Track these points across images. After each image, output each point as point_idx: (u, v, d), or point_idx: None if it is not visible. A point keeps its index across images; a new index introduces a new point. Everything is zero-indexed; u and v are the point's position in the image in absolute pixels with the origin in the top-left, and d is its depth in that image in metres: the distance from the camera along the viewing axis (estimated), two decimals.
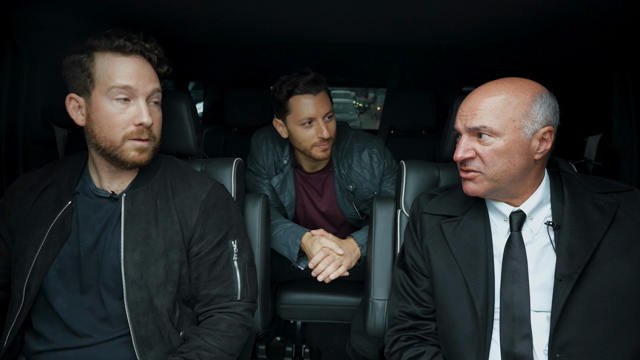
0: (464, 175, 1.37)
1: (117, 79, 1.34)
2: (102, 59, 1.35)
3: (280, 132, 2.16)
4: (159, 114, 1.45)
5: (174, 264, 1.42)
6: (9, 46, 1.64)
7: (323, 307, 2.36)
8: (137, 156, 1.38)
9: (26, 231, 1.42)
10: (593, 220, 1.30)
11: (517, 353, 1.26)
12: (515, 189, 1.36)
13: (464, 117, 1.34)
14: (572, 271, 1.25)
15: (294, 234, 2.03)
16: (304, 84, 1.99)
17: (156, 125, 1.43)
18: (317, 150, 2.07)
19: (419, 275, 1.50)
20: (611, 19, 1.54)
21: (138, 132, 1.37)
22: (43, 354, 1.38)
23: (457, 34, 1.97)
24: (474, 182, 1.35)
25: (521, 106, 1.29)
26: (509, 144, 1.29)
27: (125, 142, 1.36)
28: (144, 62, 1.39)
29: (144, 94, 1.37)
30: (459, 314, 1.35)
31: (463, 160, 1.35)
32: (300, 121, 2.03)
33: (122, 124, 1.35)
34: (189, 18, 1.73)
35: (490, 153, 1.30)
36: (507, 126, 1.28)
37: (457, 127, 1.37)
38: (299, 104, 2.01)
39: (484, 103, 1.31)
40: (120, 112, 1.35)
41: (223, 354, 1.41)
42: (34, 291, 1.36)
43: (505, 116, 1.28)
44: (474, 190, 1.36)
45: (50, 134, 1.80)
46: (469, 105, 1.34)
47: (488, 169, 1.31)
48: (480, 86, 1.37)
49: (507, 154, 1.29)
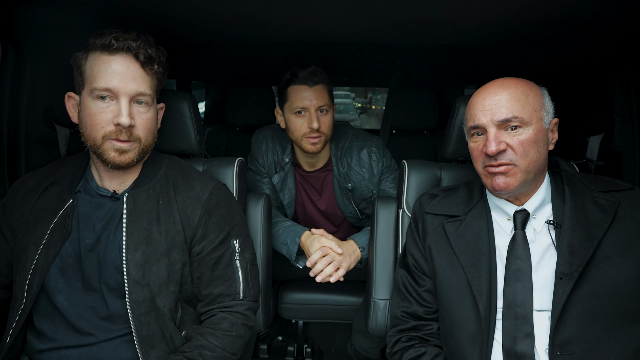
0: (496, 170, 1.31)
1: (100, 81, 1.31)
2: (92, 58, 1.34)
3: (279, 121, 2.21)
4: (147, 115, 1.39)
5: (176, 263, 1.42)
6: (11, 45, 1.64)
7: (325, 307, 2.36)
8: (117, 157, 1.35)
9: (28, 230, 1.42)
10: (594, 218, 1.30)
11: (519, 351, 1.26)
12: (530, 184, 1.36)
13: (488, 112, 1.32)
14: (573, 269, 1.25)
15: (293, 233, 2.04)
16: (303, 74, 2.04)
17: (142, 127, 1.38)
18: (307, 142, 2.09)
19: (421, 275, 1.50)
20: (613, 19, 1.54)
21: (117, 132, 1.33)
22: (45, 352, 1.38)
23: (459, 34, 1.96)
24: (508, 176, 1.31)
25: (538, 97, 1.33)
26: (537, 133, 1.30)
27: (105, 142, 1.34)
28: (131, 61, 1.35)
29: (127, 94, 1.33)
30: (462, 314, 1.35)
31: (495, 155, 1.30)
32: (293, 109, 2.07)
33: (101, 123, 1.32)
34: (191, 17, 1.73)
35: (524, 143, 1.29)
36: (532, 116, 1.30)
37: (479, 122, 1.34)
38: (295, 93, 2.06)
39: (507, 95, 1.31)
40: (101, 112, 1.32)
41: (225, 353, 1.41)
42: (35, 289, 1.37)
43: (529, 106, 1.30)
44: (507, 184, 1.31)
45: (52, 133, 1.81)
46: (490, 99, 1.32)
47: (521, 160, 1.30)
48: (490, 83, 1.37)
49: (536, 143, 1.30)
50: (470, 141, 1.41)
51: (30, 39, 1.67)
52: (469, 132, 1.40)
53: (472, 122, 1.36)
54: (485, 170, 1.36)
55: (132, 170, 1.47)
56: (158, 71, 1.42)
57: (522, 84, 1.34)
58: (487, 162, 1.33)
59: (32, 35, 1.66)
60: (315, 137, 2.07)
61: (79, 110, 1.39)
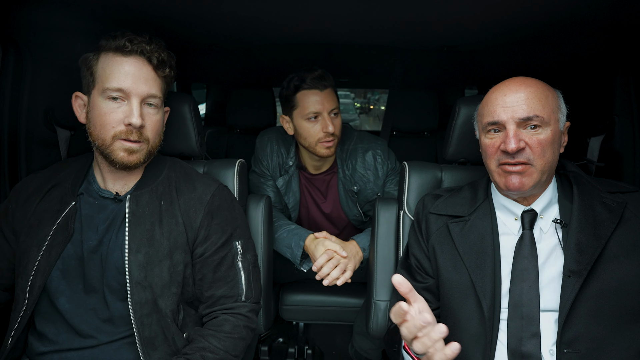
0: (512, 169, 1.30)
1: (112, 81, 1.34)
2: (104, 59, 1.37)
3: (286, 128, 2.18)
4: (156, 117, 1.43)
5: (178, 265, 1.42)
6: (11, 47, 1.64)
7: (325, 309, 2.36)
8: (125, 157, 1.37)
9: (30, 232, 1.42)
10: (601, 218, 1.31)
11: (525, 352, 1.26)
12: (542, 185, 1.36)
13: (509, 108, 1.30)
14: (581, 267, 1.25)
15: (297, 236, 2.03)
16: (311, 79, 2.02)
17: (151, 129, 1.41)
18: (322, 146, 2.08)
19: (423, 275, 1.49)
20: (613, 20, 1.54)
21: (127, 132, 1.36)
22: (47, 354, 1.38)
23: (459, 36, 1.96)
24: (524, 175, 1.29)
25: (555, 99, 1.34)
26: (554, 134, 1.30)
27: (115, 142, 1.36)
28: (144, 64, 1.39)
29: (138, 95, 1.36)
30: (465, 315, 1.35)
31: (514, 153, 1.29)
32: (306, 115, 2.05)
33: (112, 123, 1.35)
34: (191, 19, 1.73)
35: (542, 143, 1.29)
36: (551, 116, 1.30)
37: (498, 118, 1.31)
38: (306, 98, 2.04)
39: (529, 93, 1.30)
40: (112, 111, 1.35)
41: (227, 355, 1.41)
42: (37, 292, 1.37)
43: (549, 107, 1.30)
44: (522, 184, 1.30)
45: (53, 135, 1.80)
46: (512, 96, 1.31)
47: (539, 159, 1.29)
48: (509, 80, 1.36)
49: (553, 144, 1.30)
50: (485, 137, 1.38)
51: (30, 40, 1.67)
52: (485, 128, 1.37)
53: (490, 117, 1.34)
54: (499, 169, 1.34)
55: (135, 172, 1.48)
56: (168, 75, 1.45)
57: (541, 84, 1.34)
58: (503, 160, 1.31)
59: (33, 37, 1.66)
60: (330, 141, 2.07)
61: (87, 110, 1.40)
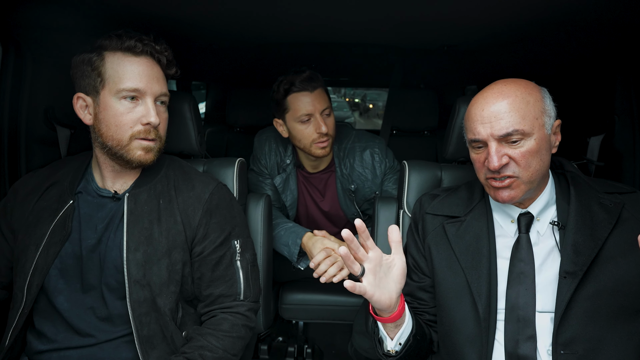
0: (498, 184, 1.29)
1: (127, 82, 1.35)
2: (112, 59, 1.37)
3: (280, 132, 2.19)
4: (166, 114, 1.46)
5: (177, 263, 1.42)
6: (11, 46, 1.64)
7: (325, 307, 2.36)
8: (143, 155, 1.39)
9: (28, 230, 1.42)
10: (599, 219, 1.30)
11: (521, 354, 1.26)
12: (535, 191, 1.34)
13: (487, 124, 1.27)
14: (577, 268, 1.25)
15: (294, 234, 2.04)
16: (300, 81, 2.02)
17: (162, 126, 1.44)
18: (317, 147, 2.09)
19: (419, 274, 1.49)
20: (613, 20, 1.54)
21: (145, 132, 1.38)
22: (45, 353, 1.38)
23: (459, 35, 1.97)
24: (511, 189, 1.29)
25: (538, 103, 1.29)
26: (539, 142, 1.27)
27: (133, 142, 1.37)
28: (153, 64, 1.41)
29: (152, 94, 1.38)
30: (461, 315, 1.35)
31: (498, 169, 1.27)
32: (298, 118, 2.05)
33: (129, 123, 1.36)
34: (191, 18, 1.73)
35: (526, 155, 1.26)
36: (534, 125, 1.26)
37: (479, 136, 1.29)
38: (297, 101, 2.04)
39: (506, 106, 1.26)
40: (129, 112, 1.36)
41: (226, 354, 1.41)
42: (35, 290, 1.37)
43: (530, 115, 1.26)
44: (512, 197, 1.29)
45: (53, 133, 1.80)
46: (489, 110, 1.27)
47: (525, 171, 1.27)
48: (487, 89, 1.33)
49: (539, 153, 1.27)
50: (472, 151, 1.38)
51: (31, 39, 1.67)
52: (469, 143, 1.37)
53: (471, 134, 1.32)
54: (487, 182, 1.34)
55: (134, 170, 1.48)
56: (175, 75, 1.49)
57: (521, 89, 1.29)
58: (490, 175, 1.31)
59: (33, 36, 1.66)
60: (325, 141, 2.08)
61: (96, 112, 1.39)
